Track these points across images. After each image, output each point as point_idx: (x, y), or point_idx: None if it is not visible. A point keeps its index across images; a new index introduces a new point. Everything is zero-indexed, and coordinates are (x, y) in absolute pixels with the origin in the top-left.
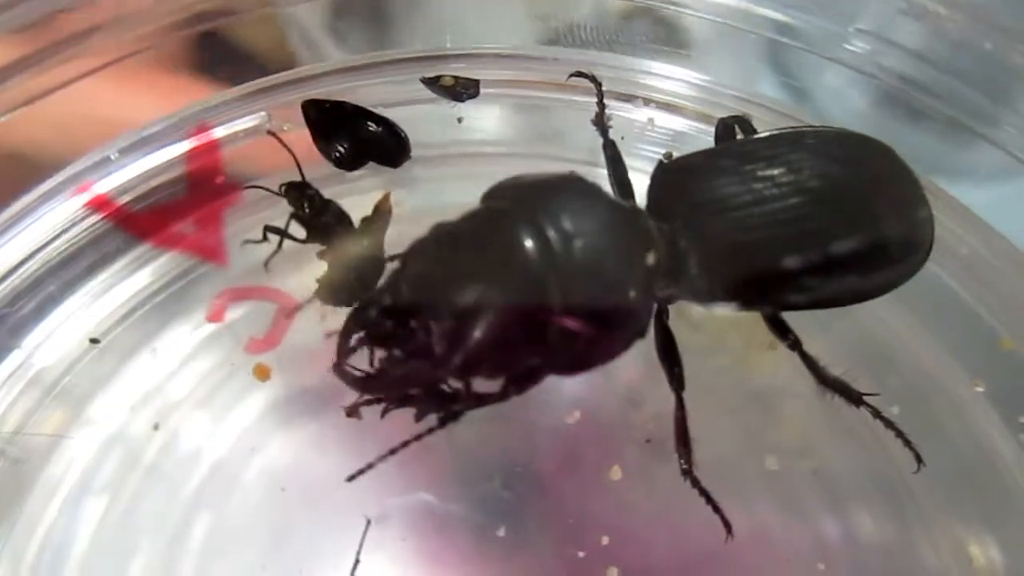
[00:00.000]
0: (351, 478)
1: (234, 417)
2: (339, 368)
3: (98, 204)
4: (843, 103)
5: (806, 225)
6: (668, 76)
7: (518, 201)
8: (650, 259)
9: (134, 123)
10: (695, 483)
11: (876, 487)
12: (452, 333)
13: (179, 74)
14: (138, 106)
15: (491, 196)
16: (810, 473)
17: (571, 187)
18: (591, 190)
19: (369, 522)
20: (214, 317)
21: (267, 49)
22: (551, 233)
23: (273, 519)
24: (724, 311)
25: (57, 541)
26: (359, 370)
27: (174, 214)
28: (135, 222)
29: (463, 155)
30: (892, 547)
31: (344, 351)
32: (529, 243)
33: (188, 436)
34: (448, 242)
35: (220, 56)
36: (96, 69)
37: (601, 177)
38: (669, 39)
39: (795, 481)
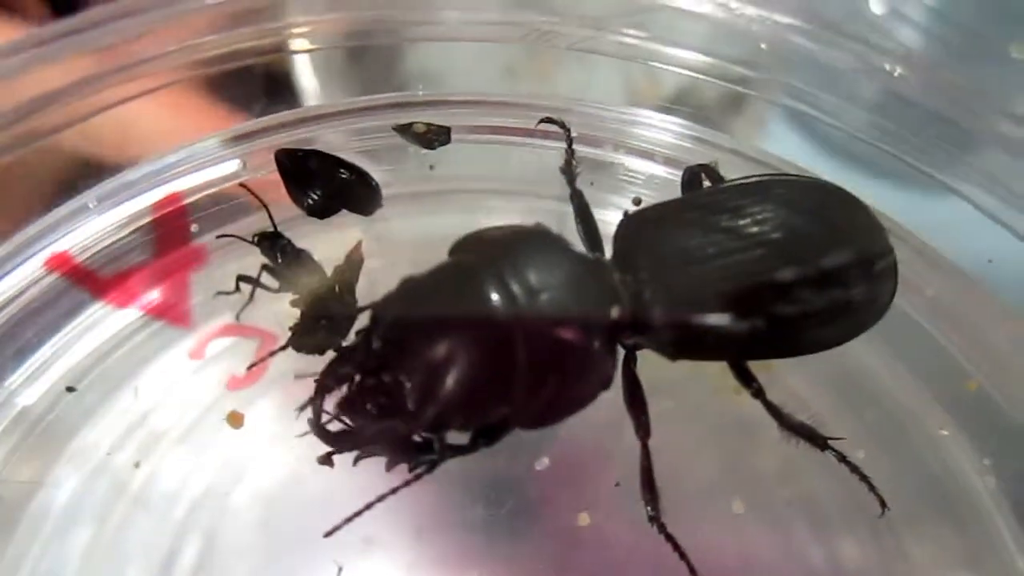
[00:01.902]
0: (328, 534)
1: (217, 450)
2: (316, 426)
3: (58, 264)
4: (805, 153)
5: (770, 277)
6: (639, 121)
7: (484, 256)
8: (614, 312)
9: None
10: (661, 529)
11: (858, 516)
12: (422, 387)
13: (149, 122)
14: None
15: (458, 249)
16: (793, 502)
17: (536, 241)
18: (556, 244)
19: (340, 569)
20: (195, 355)
21: (242, 100)
22: (516, 287)
23: (259, 546)
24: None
25: (45, 573)
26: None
27: (139, 278)
28: (99, 286)
29: (435, 200)
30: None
31: (318, 410)
32: (495, 297)
33: (171, 471)
34: (416, 297)
35: (192, 106)
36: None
37: (571, 216)
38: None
39: (778, 510)
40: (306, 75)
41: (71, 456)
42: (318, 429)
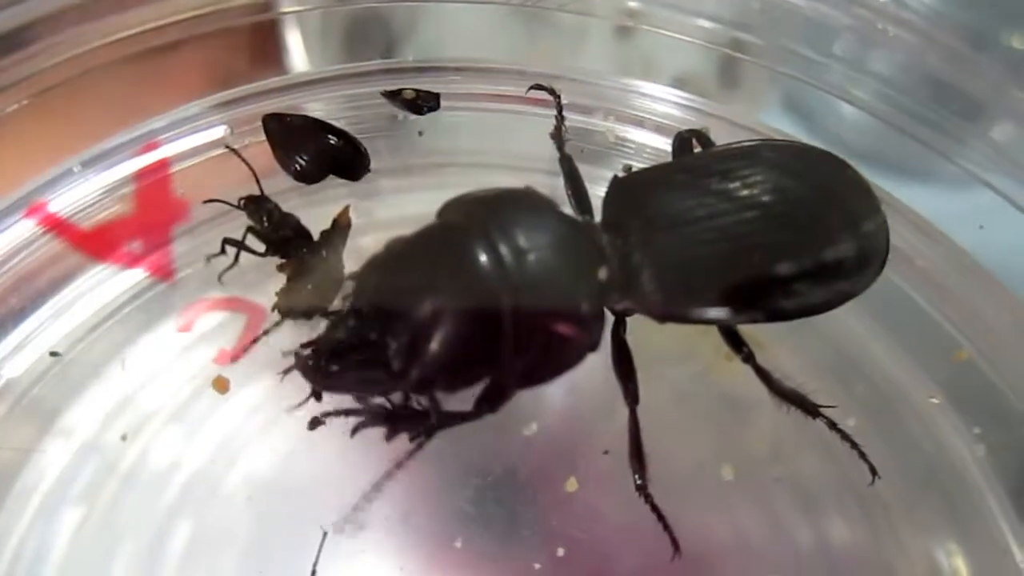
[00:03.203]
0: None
1: (207, 427)
2: (300, 361)
3: (50, 224)
4: (796, 121)
5: (759, 239)
6: (630, 90)
7: (472, 216)
8: (602, 274)
9: (90, 139)
10: (648, 499)
11: (846, 493)
12: (408, 347)
13: (137, 89)
14: (94, 122)
15: (446, 211)
16: (782, 479)
17: (525, 202)
18: (544, 205)
19: (325, 534)
20: (183, 328)
21: (228, 62)
22: (503, 248)
23: (249, 526)
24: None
25: (32, 551)
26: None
27: (122, 232)
28: (85, 241)
29: (423, 167)
30: (864, 551)
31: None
32: (482, 258)
33: (160, 446)
34: (403, 257)
35: (180, 69)
36: (54, 86)
37: (562, 188)
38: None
39: (767, 487)
40: (294, 40)
41: (58, 431)
42: (303, 365)
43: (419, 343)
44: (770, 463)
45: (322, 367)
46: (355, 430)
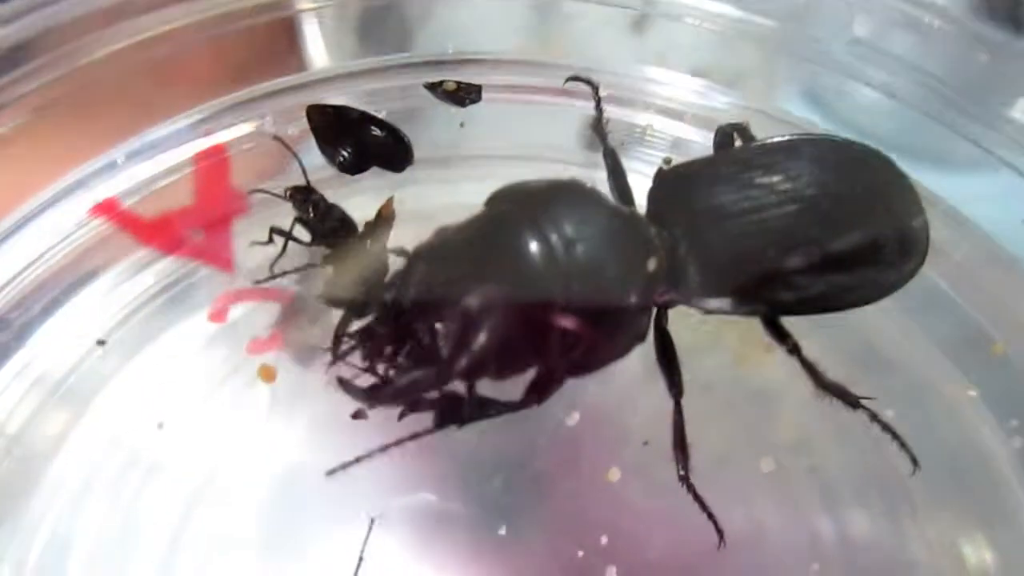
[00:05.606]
0: (331, 472)
1: (236, 416)
2: (344, 382)
3: (104, 209)
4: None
5: (802, 232)
6: (667, 82)
7: (522, 206)
8: (651, 265)
9: (140, 128)
10: (691, 489)
11: (872, 486)
12: (457, 335)
13: (181, 80)
14: (143, 112)
15: (495, 200)
16: (807, 472)
17: (574, 193)
18: (593, 197)
19: (373, 520)
20: (216, 317)
21: (272, 54)
22: (554, 238)
23: (275, 517)
24: (721, 315)
25: (61, 539)
26: (361, 370)
27: (182, 220)
28: (142, 228)
29: (465, 158)
30: (886, 546)
31: (341, 354)
32: (533, 247)
33: (191, 435)
34: (452, 245)
35: (225, 61)
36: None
37: (599, 180)
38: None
39: (792, 480)
40: (337, 32)
41: (92, 419)
42: (347, 386)
43: (469, 329)
44: (796, 453)
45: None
46: (401, 415)
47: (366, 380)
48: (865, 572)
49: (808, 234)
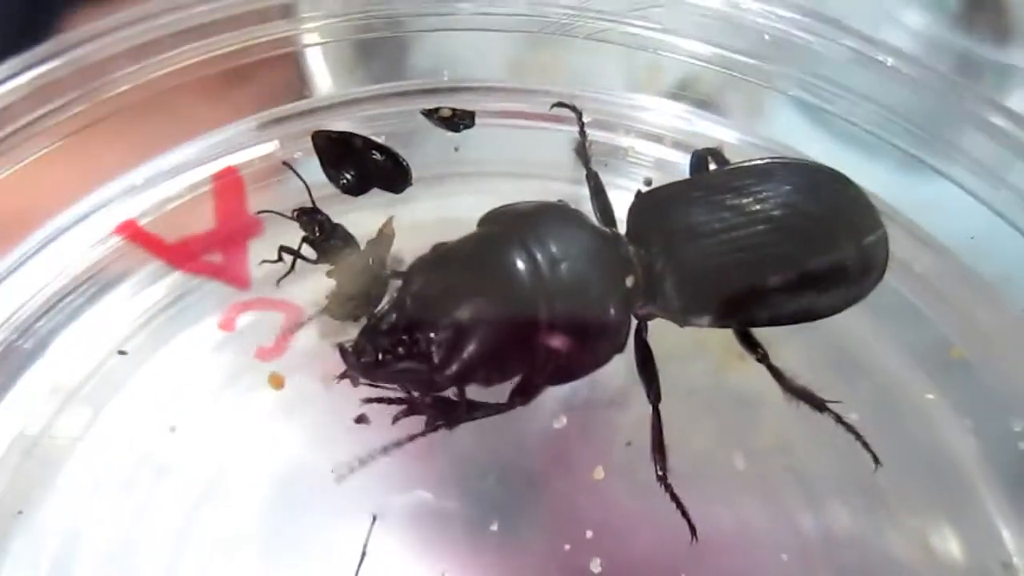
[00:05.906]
0: (336, 472)
1: (243, 420)
2: (343, 351)
3: (127, 229)
4: (803, 138)
5: (770, 250)
6: (647, 108)
7: (511, 226)
8: (629, 282)
9: (160, 152)
10: (668, 488)
11: (849, 484)
12: (449, 343)
13: (198, 106)
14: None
15: (486, 221)
16: (787, 471)
17: (559, 215)
18: (577, 218)
19: (375, 518)
20: (226, 326)
21: (280, 84)
22: (540, 257)
23: (278, 516)
24: (697, 328)
25: (74, 539)
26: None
27: (203, 243)
28: (164, 249)
29: (459, 176)
30: (865, 541)
31: (350, 361)
32: (520, 265)
33: (199, 438)
34: (447, 262)
35: (236, 91)
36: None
37: (584, 197)
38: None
39: (773, 480)
40: (335, 64)
41: (107, 423)
42: (346, 354)
43: (461, 339)
44: (776, 455)
45: (365, 358)
46: (396, 418)
47: (364, 367)
48: (843, 567)
49: (776, 251)
